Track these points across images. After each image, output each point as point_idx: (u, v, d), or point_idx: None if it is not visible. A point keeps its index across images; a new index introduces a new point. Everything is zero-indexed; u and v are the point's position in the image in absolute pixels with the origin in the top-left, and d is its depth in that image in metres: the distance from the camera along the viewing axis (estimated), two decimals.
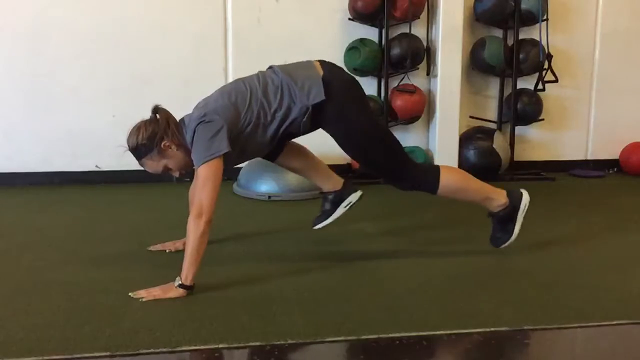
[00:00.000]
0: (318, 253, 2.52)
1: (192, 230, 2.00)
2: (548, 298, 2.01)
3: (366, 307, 1.93)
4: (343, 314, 1.86)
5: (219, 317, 1.83)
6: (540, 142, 4.56)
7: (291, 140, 2.44)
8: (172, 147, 2.17)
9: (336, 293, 2.06)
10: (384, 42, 4.06)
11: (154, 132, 2.15)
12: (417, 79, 4.18)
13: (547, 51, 4.14)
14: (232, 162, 2.24)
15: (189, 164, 2.20)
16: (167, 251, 2.49)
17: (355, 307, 1.92)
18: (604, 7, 4.45)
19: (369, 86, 4.11)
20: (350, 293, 2.06)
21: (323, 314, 1.86)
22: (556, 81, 4.16)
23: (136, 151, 2.18)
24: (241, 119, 2.14)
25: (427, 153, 4.25)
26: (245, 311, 1.87)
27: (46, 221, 3.08)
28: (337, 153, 2.43)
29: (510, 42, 4.26)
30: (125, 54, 3.93)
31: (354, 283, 2.17)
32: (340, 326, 1.77)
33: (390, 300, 1.99)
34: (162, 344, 1.65)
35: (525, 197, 2.40)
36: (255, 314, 1.85)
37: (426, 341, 1.71)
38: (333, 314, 1.86)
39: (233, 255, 2.48)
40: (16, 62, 3.84)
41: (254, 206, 3.43)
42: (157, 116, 2.19)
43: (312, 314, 1.86)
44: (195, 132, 2.09)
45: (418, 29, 4.10)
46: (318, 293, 2.05)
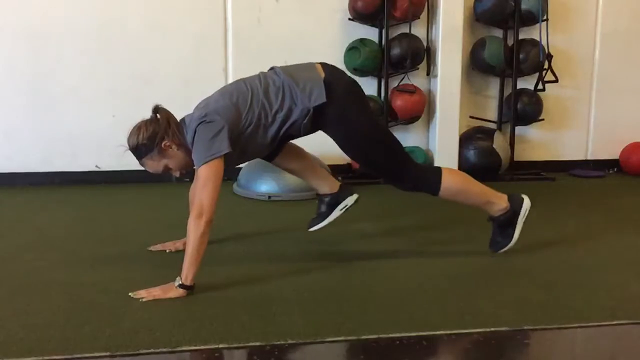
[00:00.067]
0: (318, 253, 2.52)
1: (193, 230, 2.00)
2: (548, 298, 2.01)
3: (366, 307, 1.93)
4: (343, 314, 1.86)
5: (219, 317, 1.83)
6: (540, 142, 4.55)
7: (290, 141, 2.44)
8: (173, 147, 2.17)
9: (336, 293, 2.06)
10: (384, 42, 4.05)
11: (155, 132, 2.15)
12: (417, 79, 4.17)
13: (547, 51, 4.14)
14: (233, 163, 2.25)
15: (190, 164, 2.20)
16: (167, 251, 2.49)
17: (355, 307, 1.92)
18: (604, 7, 4.44)
19: (369, 86, 4.11)
20: (350, 293, 2.06)
21: (323, 314, 1.86)
22: (556, 81, 4.16)
23: (136, 151, 2.18)
24: (242, 120, 2.14)
25: (427, 153, 4.25)
26: (245, 311, 1.87)
27: (46, 221, 3.08)
28: (337, 153, 2.43)
29: (510, 42, 4.25)
30: (125, 54, 3.93)
31: (354, 283, 2.17)
32: (340, 326, 1.77)
33: (390, 300, 1.99)
34: (162, 344, 1.65)
35: (526, 203, 2.39)
36: (255, 314, 1.85)
37: (426, 341, 1.71)
38: (333, 314, 1.86)
39: (233, 255, 2.48)
40: (16, 62, 3.84)
41: (254, 206, 3.43)
42: (158, 116, 2.19)
43: (312, 314, 1.86)
44: (196, 132, 2.09)
45: (418, 29, 4.10)
46: (318, 293, 2.05)
